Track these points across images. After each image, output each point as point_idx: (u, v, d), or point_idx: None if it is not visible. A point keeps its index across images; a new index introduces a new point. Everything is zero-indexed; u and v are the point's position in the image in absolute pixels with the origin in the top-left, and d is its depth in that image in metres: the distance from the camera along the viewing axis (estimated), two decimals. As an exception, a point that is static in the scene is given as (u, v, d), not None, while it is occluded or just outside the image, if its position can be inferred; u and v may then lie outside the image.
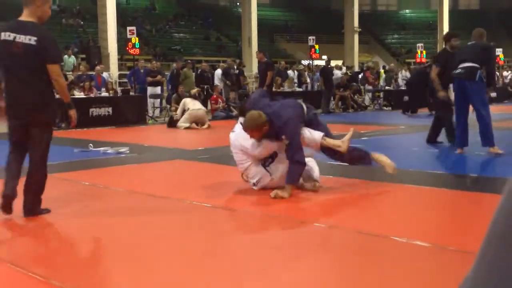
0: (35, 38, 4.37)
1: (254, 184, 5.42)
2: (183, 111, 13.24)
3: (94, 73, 17.04)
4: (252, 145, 5.28)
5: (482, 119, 7.51)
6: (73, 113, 4.76)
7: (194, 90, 14.31)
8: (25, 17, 4.51)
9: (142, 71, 17.30)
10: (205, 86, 17.68)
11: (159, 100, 17.64)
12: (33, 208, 4.50)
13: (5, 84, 4.53)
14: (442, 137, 8.97)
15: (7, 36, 4.41)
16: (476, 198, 5.25)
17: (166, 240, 3.93)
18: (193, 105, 13.16)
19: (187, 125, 12.97)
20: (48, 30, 4.75)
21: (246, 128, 5.20)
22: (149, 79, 17.06)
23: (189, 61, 20.21)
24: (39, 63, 4.40)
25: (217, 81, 18.32)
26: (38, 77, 4.45)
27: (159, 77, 17.36)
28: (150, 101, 16.94)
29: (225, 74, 18.62)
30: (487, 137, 7.49)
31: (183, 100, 13.57)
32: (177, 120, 13.24)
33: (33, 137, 4.54)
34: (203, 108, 13.54)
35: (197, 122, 13.06)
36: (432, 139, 8.98)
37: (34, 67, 4.42)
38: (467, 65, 7.57)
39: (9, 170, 4.58)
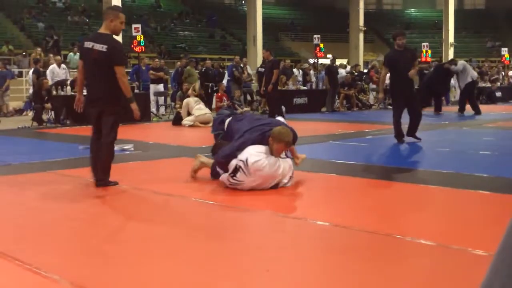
0: (106, 46, 5.55)
1: (290, 177, 5.52)
2: (188, 112, 13.34)
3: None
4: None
5: None
6: (134, 106, 5.72)
7: (190, 91, 14.30)
8: (102, 29, 5.78)
9: (144, 68, 17.32)
10: (210, 84, 17.69)
11: (163, 97, 17.68)
12: (102, 181, 5.66)
13: (87, 81, 5.87)
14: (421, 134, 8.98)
15: (88, 44, 5.68)
16: (481, 197, 5.24)
17: (169, 237, 3.93)
18: (199, 110, 13.22)
19: (192, 123, 13.04)
20: (117, 40, 5.91)
21: (289, 142, 5.50)
22: (151, 73, 17.07)
23: (193, 59, 20.22)
24: (108, 65, 5.56)
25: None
26: (108, 76, 5.57)
27: (161, 73, 17.37)
28: (153, 98, 16.96)
29: (231, 72, 18.62)
30: None
31: (186, 100, 13.62)
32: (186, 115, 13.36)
33: (104, 123, 5.69)
34: (209, 112, 13.54)
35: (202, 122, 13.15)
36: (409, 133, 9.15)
37: (105, 69, 5.57)
38: None
39: (91, 153, 5.86)
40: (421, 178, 6.28)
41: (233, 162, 5.25)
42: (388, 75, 9.87)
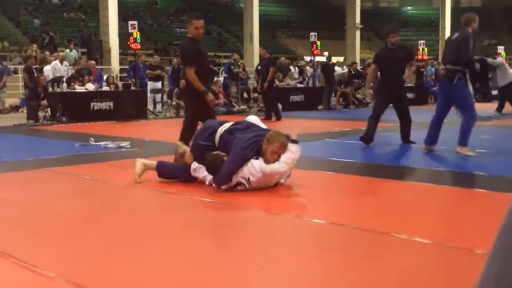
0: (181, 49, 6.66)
1: (287, 176, 5.54)
2: None
3: (88, 66, 17.09)
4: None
5: (463, 120, 7.57)
6: (208, 98, 6.56)
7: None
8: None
9: (141, 65, 17.30)
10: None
11: (160, 95, 17.66)
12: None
13: None
14: (415, 137, 8.76)
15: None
16: (477, 195, 5.25)
17: (166, 235, 3.93)
18: None
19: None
20: (189, 43, 6.75)
21: (284, 143, 5.25)
22: (148, 72, 17.06)
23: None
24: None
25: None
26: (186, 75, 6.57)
27: (158, 71, 17.36)
28: (150, 95, 16.94)
29: (228, 69, 18.62)
30: (462, 136, 7.55)
31: None
32: None
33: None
34: None
35: None
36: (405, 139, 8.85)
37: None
38: (447, 67, 7.63)
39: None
40: (417, 176, 6.28)
41: (235, 179, 5.17)
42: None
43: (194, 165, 5.50)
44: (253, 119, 6.05)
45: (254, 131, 5.51)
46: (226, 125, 5.64)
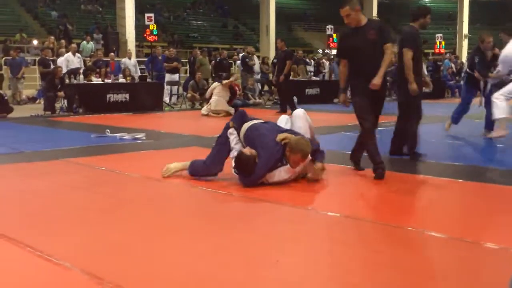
0: None
1: None
2: (211, 95, 13.66)
3: (108, 59, 17.17)
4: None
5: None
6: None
7: (225, 82, 14.06)
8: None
9: (160, 58, 17.33)
10: (223, 74, 17.72)
11: (176, 87, 17.70)
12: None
13: None
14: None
15: None
16: (495, 190, 5.20)
17: (180, 227, 3.94)
18: (214, 103, 13.28)
19: (206, 113, 13.16)
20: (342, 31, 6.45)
21: (306, 153, 5.25)
22: (166, 64, 17.11)
23: (205, 48, 20.19)
24: None
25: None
26: None
27: (175, 63, 17.38)
28: (167, 88, 16.98)
29: (243, 62, 18.60)
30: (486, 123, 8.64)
31: (214, 85, 13.94)
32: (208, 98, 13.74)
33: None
34: (224, 111, 13.33)
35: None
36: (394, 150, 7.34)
37: None
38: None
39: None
40: (432, 170, 6.23)
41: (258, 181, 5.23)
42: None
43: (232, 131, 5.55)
44: (299, 115, 6.22)
45: (281, 132, 5.46)
46: (254, 121, 5.60)
